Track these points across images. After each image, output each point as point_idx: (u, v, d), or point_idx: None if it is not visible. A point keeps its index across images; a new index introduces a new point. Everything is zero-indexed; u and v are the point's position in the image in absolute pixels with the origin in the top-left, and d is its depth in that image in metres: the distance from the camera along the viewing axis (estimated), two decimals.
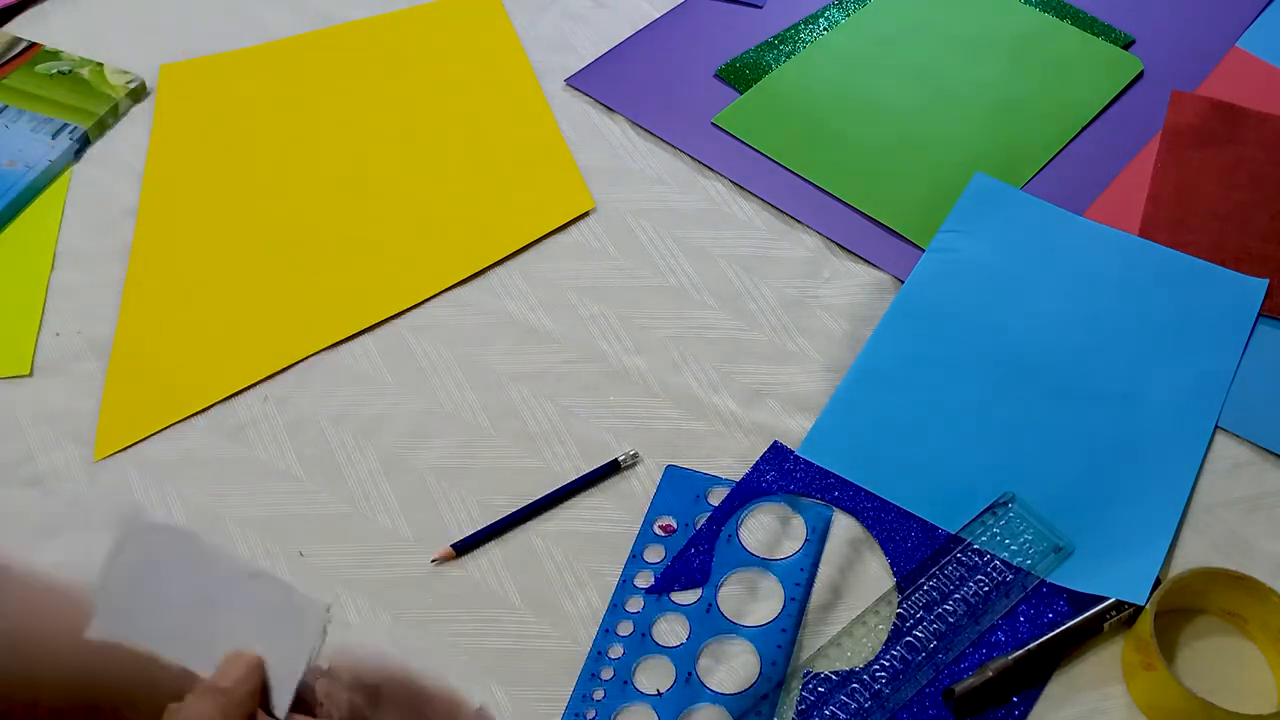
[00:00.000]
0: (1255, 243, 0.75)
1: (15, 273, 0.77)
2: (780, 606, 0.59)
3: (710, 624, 0.59)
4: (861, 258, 0.76)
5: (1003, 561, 0.60)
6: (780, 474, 0.64)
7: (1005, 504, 0.62)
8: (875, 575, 0.61)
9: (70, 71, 0.90)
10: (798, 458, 0.65)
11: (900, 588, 0.60)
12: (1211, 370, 0.68)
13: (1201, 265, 0.74)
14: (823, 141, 0.83)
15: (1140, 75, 0.87)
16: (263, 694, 0.33)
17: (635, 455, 0.66)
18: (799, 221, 0.78)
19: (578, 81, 0.88)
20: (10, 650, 0.37)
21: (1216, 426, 0.66)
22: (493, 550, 0.63)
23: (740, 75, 0.88)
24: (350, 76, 0.90)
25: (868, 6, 0.93)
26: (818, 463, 0.65)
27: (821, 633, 0.59)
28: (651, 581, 0.61)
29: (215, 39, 0.94)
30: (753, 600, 0.60)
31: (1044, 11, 0.92)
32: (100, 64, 0.90)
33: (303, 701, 0.35)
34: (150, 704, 0.34)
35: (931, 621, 0.58)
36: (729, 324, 0.72)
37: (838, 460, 0.65)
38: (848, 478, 0.64)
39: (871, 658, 0.57)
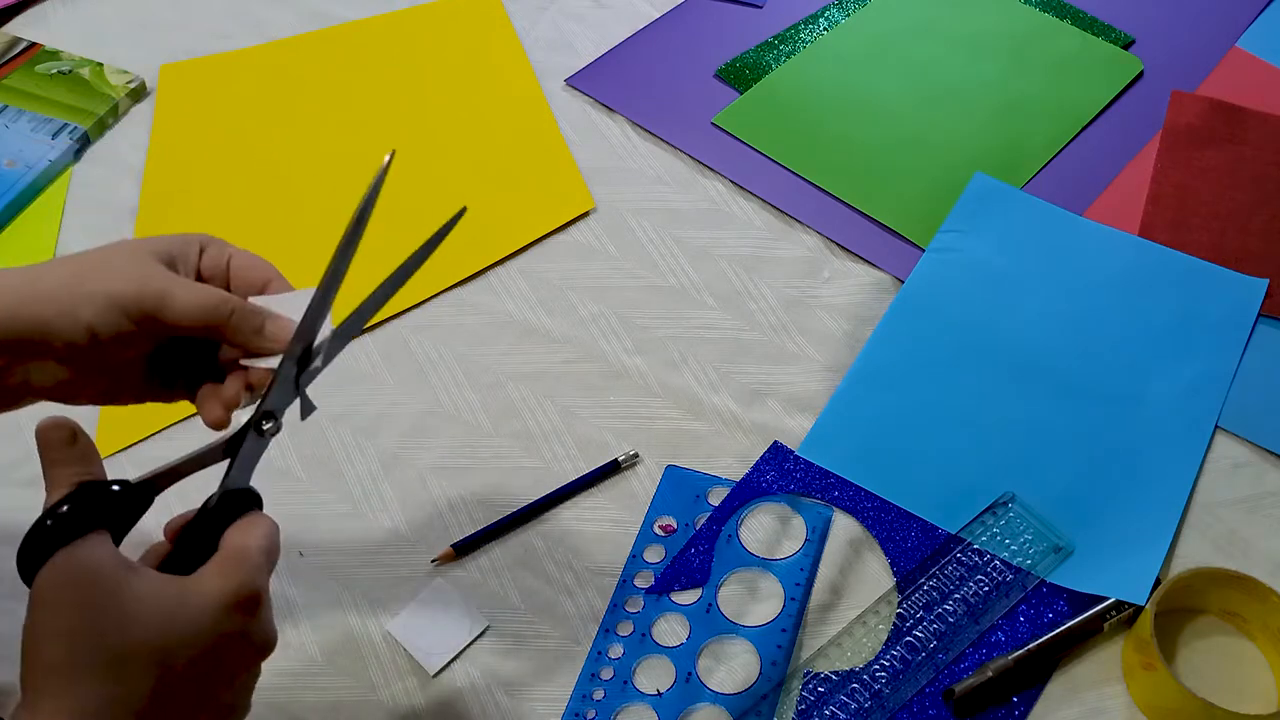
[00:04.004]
0: (1255, 243, 0.75)
1: None
2: (780, 606, 0.59)
3: (710, 624, 0.59)
4: (861, 258, 0.76)
5: (1003, 561, 0.60)
6: (780, 474, 0.64)
7: (1005, 504, 0.62)
8: (875, 575, 0.61)
9: (70, 71, 0.90)
10: (798, 458, 0.65)
11: (900, 588, 0.60)
12: (1211, 370, 0.68)
13: (1201, 265, 0.74)
14: (823, 141, 0.83)
15: (1140, 75, 0.87)
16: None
17: (635, 455, 0.66)
18: (799, 221, 0.78)
19: (578, 81, 0.88)
20: None
21: (1216, 426, 0.66)
22: (493, 550, 0.63)
23: (740, 75, 0.88)
24: (350, 77, 0.90)
25: (868, 6, 0.93)
26: (818, 463, 0.65)
27: (821, 633, 0.59)
28: (651, 581, 0.61)
29: (215, 39, 0.94)
30: (753, 600, 0.60)
31: (1044, 11, 0.92)
32: (100, 64, 0.90)
33: None
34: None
35: (931, 621, 0.58)
36: (729, 324, 0.72)
37: (838, 460, 0.65)
38: (848, 478, 0.64)
39: (871, 658, 0.57)
